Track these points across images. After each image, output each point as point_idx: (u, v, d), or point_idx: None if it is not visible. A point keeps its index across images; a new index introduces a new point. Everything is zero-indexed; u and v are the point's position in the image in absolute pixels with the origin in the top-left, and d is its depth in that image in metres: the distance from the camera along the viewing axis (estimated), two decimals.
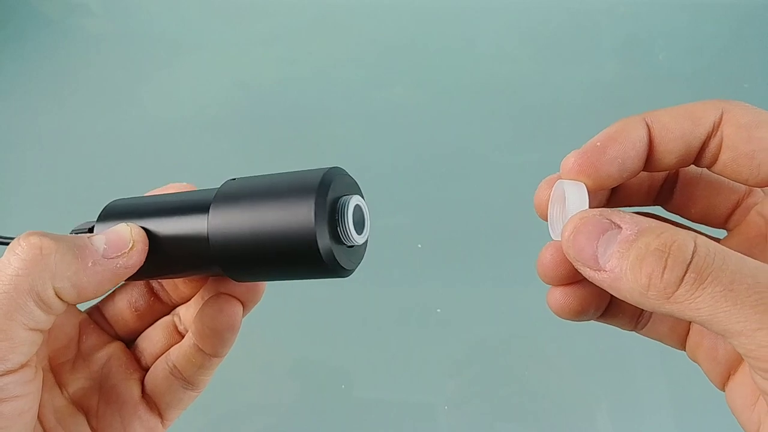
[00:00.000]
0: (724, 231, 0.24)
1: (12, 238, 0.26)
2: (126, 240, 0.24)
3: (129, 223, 0.25)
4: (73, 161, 0.77)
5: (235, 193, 0.24)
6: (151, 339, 0.29)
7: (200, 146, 0.78)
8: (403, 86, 0.81)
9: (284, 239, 0.22)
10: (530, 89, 0.80)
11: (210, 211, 0.24)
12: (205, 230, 0.24)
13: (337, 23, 0.87)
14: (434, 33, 0.86)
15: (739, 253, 0.18)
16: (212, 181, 0.29)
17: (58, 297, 0.22)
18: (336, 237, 0.23)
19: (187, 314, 0.29)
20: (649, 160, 0.22)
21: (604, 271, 0.19)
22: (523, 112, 0.78)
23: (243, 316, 0.28)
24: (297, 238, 0.22)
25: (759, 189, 0.21)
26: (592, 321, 0.24)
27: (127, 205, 0.27)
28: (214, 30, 0.88)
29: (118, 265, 0.24)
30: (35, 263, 0.21)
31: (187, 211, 0.25)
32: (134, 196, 0.28)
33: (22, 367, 0.22)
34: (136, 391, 0.28)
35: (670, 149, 0.21)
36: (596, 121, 0.90)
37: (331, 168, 0.24)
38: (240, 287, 0.28)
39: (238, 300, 0.28)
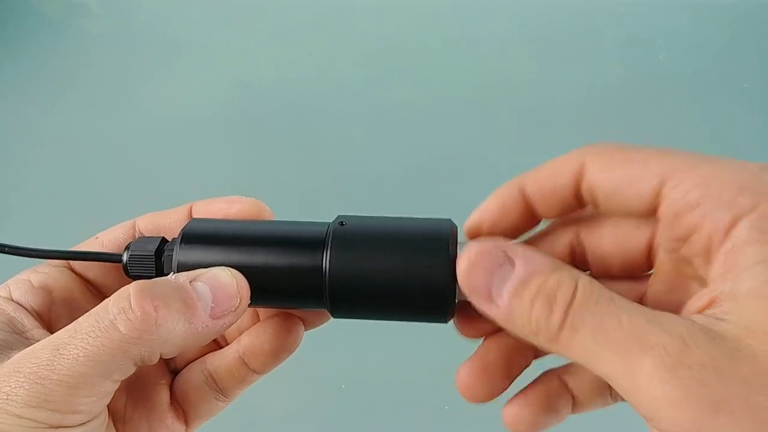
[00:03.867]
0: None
1: (115, 256, 0.26)
2: (233, 297, 0.23)
3: (232, 271, 0.23)
4: (72, 161, 0.77)
5: (358, 235, 0.24)
6: None
7: (200, 146, 0.78)
8: (403, 86, 0.81)
9: (413, 288, 0.23)
10: (530, 89, 0.80)
11: (331, 249, 0.23)
12: (322, 268, 0.23)
13: (337, 23, 0.87)
14: (434, 33, 0.86)
15: (614, 293, 0.18)
16: (212, 179, 0.29)
17: (160, 357, 0.22)
18: (456, 291, 0.23)
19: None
20: (534, 216, 0.23)
21: (497, 306, 0.20)
22: (523, 112, 0.78)
23: None
24: (427, 289, 0.23)
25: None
26: None
27: (216, 229, 0.26)
28: (214, 30, 0.88)
29: (224, 325, 0.23)
30: (149, 334, 0.21)
31: (294, 246, 0.24)
32: (215, 218, 0.27)
33: (99, 414, 0.22)
34: (165, 397, 0.27)
35: (548, 205, 0.23)
36: (596, 121, 0.90)
37: (449, 220, 0.25)
38: (311, 311, 0.27)
39: (302, 321, 0.27)
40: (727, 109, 0.76)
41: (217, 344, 0.29)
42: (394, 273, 0.23)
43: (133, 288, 0.21)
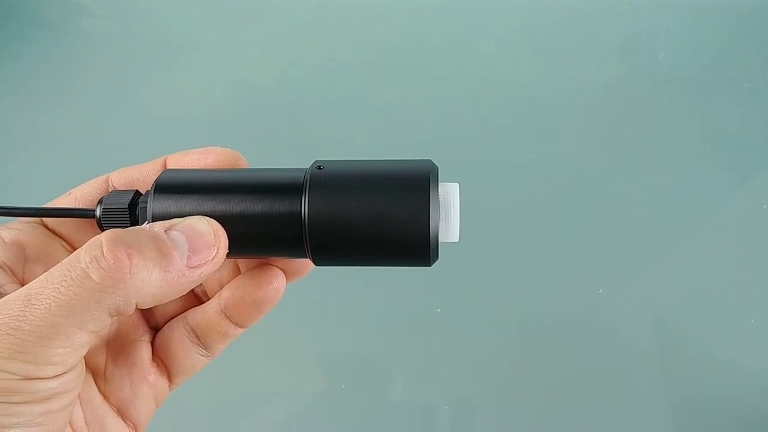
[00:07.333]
0: None
1: (88, 211, 0.26)
2: (210, 246, 0.22)
3: (208, 220, 0.23)
4: (73, 161, 0.77)
5: (337, 178, 0.23)
6: None
7: (200, 146, 0.78)
8: (403, 86, 0.81)
9: (395, 229, 0.22)
10: (530, 89, 0.80)
11: (309, 193, 0.23)
12: (301, 213, 0.23)
13: (337, 23, 0.87)
14: (434, 33, 0.86)
15: None
16: None
17: (136, 306, 0.21)
18: (438, 230, 0.23)
19: (211, 278, 0.27)
20: None
21: None
22: (523, 112, 0.78)
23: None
24: (409, 231, 0.22)
25: None
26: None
27: (190, 179, 0.25)
28: (215, 30, 0.88)
29: (201, 275, 0.22)
30: (122, 282, 0.20)
31: (271, 192, 0.23)
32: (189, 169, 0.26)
33: (75, 366, 0.21)
34: (146, 353, 0.27)
35: None
36: (596, 122, 0.90)
37: (429, 160, 0.24)
38: (293, 261, 0.27)
39: (283, 272, 0.27)
40: (727, 109, 0.76)
41: (198, 299, 0.28)
42: (375, 215, 0.22)
43: (105, 236, 0.21)
